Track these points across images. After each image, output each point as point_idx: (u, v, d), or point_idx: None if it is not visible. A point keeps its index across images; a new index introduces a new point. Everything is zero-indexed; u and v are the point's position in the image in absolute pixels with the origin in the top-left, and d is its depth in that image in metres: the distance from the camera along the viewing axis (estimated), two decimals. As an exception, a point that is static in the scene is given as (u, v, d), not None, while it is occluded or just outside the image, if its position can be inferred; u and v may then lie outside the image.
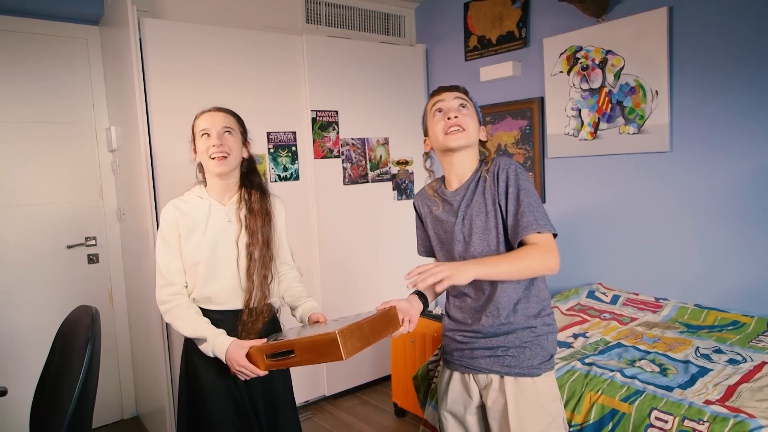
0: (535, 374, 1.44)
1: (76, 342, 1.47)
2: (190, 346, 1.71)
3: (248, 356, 1.54)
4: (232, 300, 1.70)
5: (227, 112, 1.76)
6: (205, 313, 1.68)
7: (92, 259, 3.01)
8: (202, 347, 1.61)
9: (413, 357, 2.85)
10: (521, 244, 1.40)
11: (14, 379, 2.69)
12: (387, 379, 3.40)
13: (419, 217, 1.69)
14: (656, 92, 2.48)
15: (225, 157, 1.68)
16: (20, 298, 2.79)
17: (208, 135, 1.69)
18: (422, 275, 1.27)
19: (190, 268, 1.68)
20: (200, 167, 1.78)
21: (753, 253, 2.28)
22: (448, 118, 1.48)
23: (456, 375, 1.58)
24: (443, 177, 1.63)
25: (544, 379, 1.46)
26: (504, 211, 1.43)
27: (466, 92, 1.56)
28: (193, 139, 1.74)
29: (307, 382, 3.15)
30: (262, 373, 1.55)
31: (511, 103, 3.12)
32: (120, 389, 3.12)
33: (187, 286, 1.70)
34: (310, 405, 3.20)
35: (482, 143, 1.56)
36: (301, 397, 3.14)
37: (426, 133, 1.63)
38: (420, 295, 1.62)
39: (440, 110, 1.52)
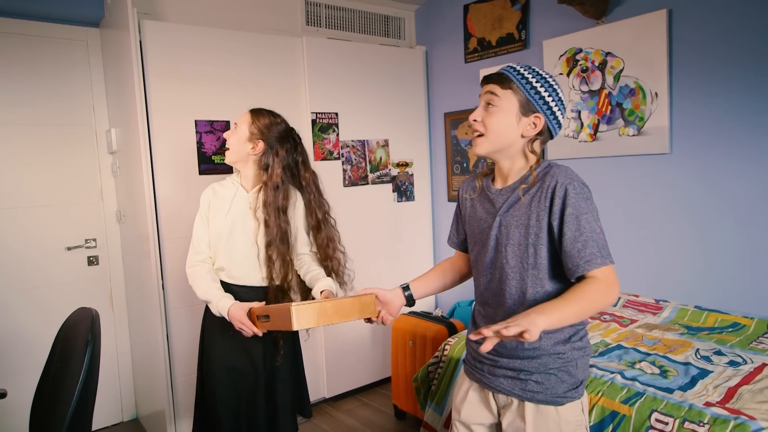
0: (559, 403, 1.30)
1: (76, 344, 1.47)
2: (206, 320, 2.00)
3: (250, 317, 1.77)
4: (246, 277, 1.94)
5: (252, 112, 1.99)
6: (224, 284, 1.92)
7: (92, 261, 3.01)
8: (211, 308, 1.86)
9: (413, 359, 2.85)
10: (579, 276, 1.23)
11: (14, 382, 2.68)
12: (387, 381, 3.39)
13: (459, 206, 1.54)
14: (656, 94, 2.48)
15: (227, 150, 1.97)
16: (20, 300, 2.79)
17: (236, 128, 1.97)
18: (506, 330, 1.05)
19: (214, 241, 1.95)
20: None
21: (753, 255, 2.28)
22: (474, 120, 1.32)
23: (476, 386, 1.45)
24: (495, 167, 1.43)
25: (569, 408, 1.31)
26: (557, 233, 1.24)
27: (502, 79, 1.29)
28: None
29: (308, 384, 3.14)
30: (258, 331, 1.76)
31: (511, 105, 3.12)
32: (120, 391, 3.11)
33: (211, 257, 1.96)
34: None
35: (528, 140, 1.32)
36: (301, 399, 3.13)
37: None
38: (406, 290, 1.53)
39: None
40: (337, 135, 3.20)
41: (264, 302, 1.86)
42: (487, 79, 1.33)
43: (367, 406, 3.21)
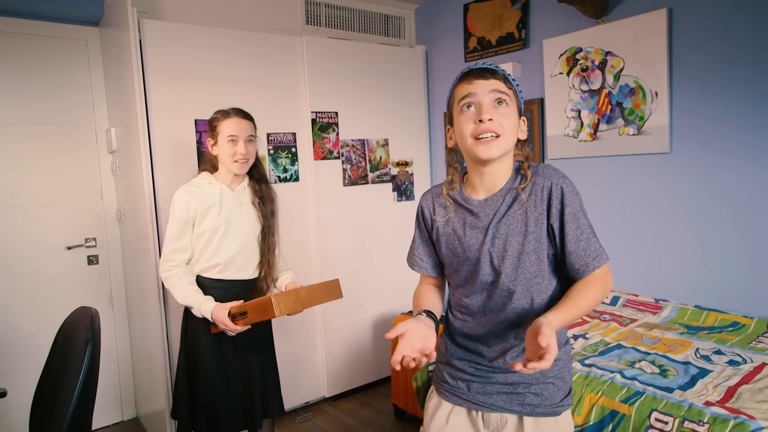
0: (557, 413, 1.24)
1: (76, 343, 1.47)
2: (189, 321, 2.05)
3: (230, 315, 1.86)
4: (238, 270, 2.03)
5: (251, 119, 2.05)
6: (211, 283, 2.00)
7: (92, 260, 3.01)
8: (193, 311, 1.94)
9: (413, 358, 2.85)
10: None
11: (14, 381, 2.68)
12: (387, 380, 3.39)
13: (424, 224, 1.38)
14: (656, 93, 2.48)
15: (246, 162, 2.01)
16: (20, 300, 2.79)
17: (235, 142, 1.97)
18: (549, 355, 0.96)
19: (205, 241, 1.98)
20: (207, 155, 2.08)
21: (753, 254, 2.28)
22: (480, 120, 1.16)
23: (459, 410, 1.31)
24: (464, 176, 1.33)
25: (565, 416, 1.26)
26: (558, 235, 1.19)
27: (506, 78, 1.20)
28: (214, 134, 2.00)
29: (307, 384, 3.15)
30: (240, 328, 1.88)
31: (511, 104, 3.11)
32: (120, 390, 3.11)
33: (188, 262, 2.01)
34: (310, 406, 3.20)
35: (520, 142, 1.26)
36: (300, 398, 3.14)
37: (450, 122, 1.28)
38: (429, 314, 1.27)
39: (470, 105, 1.19)
40: (337, 134, 3.20)
41: (253, 294, 2.03)
42: (485, 74, 1.18)
43: (367, 405, 3.21)
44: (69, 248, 2.93)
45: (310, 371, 3.17)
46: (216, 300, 1.94)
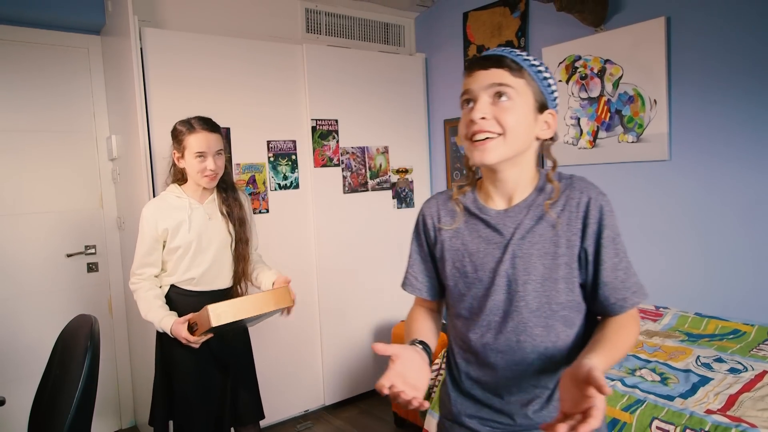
0: None
1: (75, 351, 1.47)
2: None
3: (189, 327, 1.84)
4: (212, 281, 2.02)
5: (218, 131, 1.99)
6: (186, 293, 1.99)
7: (92, 267, 3.00)
8: (156, 327, 1.93)
9: (413, 366, 2.83)
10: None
11: (13, 389, 2.67)
12: (387, 388, 3.38)
13: (425, 236, 1.15)
14: (655, 101, 2.49)
15: (216, 176, 1.97)
16: (19, 307, 2.79)
17: (204, 157, 1.92)
18: (597, 410, 0.75)
19: (178, 257, 1.96)
20: (176, 166, 2.03)
21: (753, 261, 2.28)
22: (472, 120, 0.99)
23: None
24: (477, 182, 1.11)
25: None
26: (593, 261, 1.00)
27: (512, 65, 0.98)
28: (180, 148, 1.95)
29: (307, 392, 3.14)
30: (202, 338, 1.85)
31: (511, 111, 3.12)
32: (119, 398, 3.10)
33: (157, 275, 2.00)
34: (309, 414, 3.18)
35: (543, 143, 1.07)
36: (300, 406, 3.13)
37: None
38: (425, 347, 1.05)
39: (469, 101, 1.02)
40: (337, 142, 3.20)
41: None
42: (486, 63, 0.99)
43: (366, 413, 3.20)
44: (69, 256, 2.93)
45: (310, 379, 3.16)
46: (192, 310, 1.91)
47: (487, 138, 0.98)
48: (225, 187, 2.07)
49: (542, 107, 1.02)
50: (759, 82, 2.20)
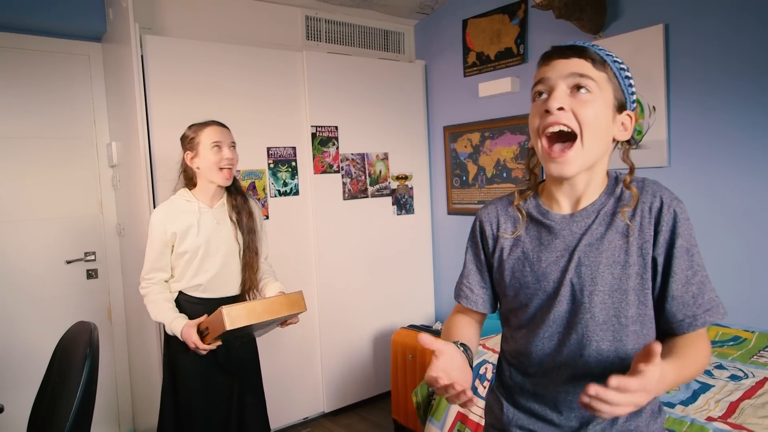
0: None
1: (74, 358, 1.46)
2: (170, 338, 1.98)
3: (199, 332, 1.82)
4: (219, 288, 1.99)
5: (228, 129, 2.02)
6: (194, 300, 1.96)
7: (91, 274, 3.00)
8: (166, 329, 1.91)
9: (413, 373, 2.83)
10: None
11: (11, 396, 2.66)
12: (387, 395, 3.37)
13: (482, 244, 1.08)
14: (654, 108, 2.50)
15: (231, 169, 1.96)
16: (18, 314, 2.78)
17: (220, 148, 1.93)
18: (620, 406, 0.72)
19: (185, 262, 1.94)
20: (186, 172, 2.01)
21: (753, 267, 2.28)
22: (547, 111, 0.91)
23: None
24: (539, 186, 1.05)
25: None
26: (662, 272, 0.93)
27: (595, 56, 0.91)
28: (193, 145, 1.95)
29: (306, 399, 3.13)
30: (208, 346, 1.82)
31: (510, 118, 3.14)
32: (117, 406, 3.09)
33: (167, 280, 1.97)
34: (308, 422, 3.17)
35: (621, 146, 1.01)
36: (299, 413, 3.11)
37: None
38: (466, 349, 0.99)
39: (541, 93, 0.95)
40: (337, 148, 3.21)
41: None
42: (568, 52, 0.91)
43: (366, 420, 3.18)
44: (68, 262, 2.93)
45: (309, 386, 3.14)
46: (199, 317, 1.90)
47: (563, 149, 0.91)
48: (235, 192, 2.06)
49: (621, 107, 0.95)
50: (758, 88, 2.21)
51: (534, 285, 0.98)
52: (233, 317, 1.68)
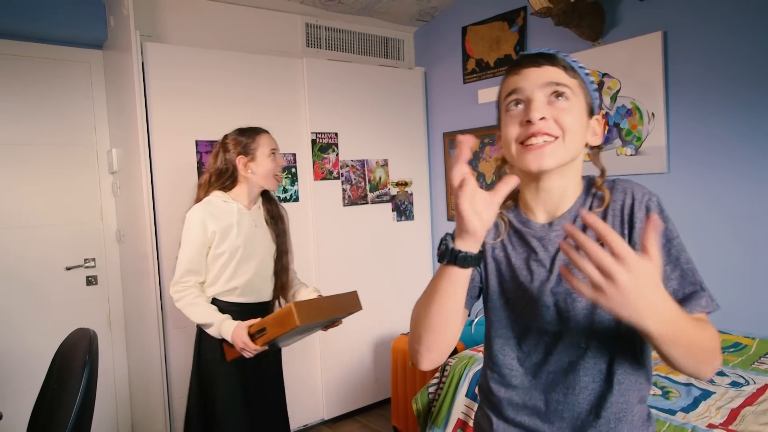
0: None
1: (74, 365, 1.46)
2: (202, 336, 1.95)
3: (249, 334, 1.77)
4: (255, 292, 1.98)
5: (266, 131, 2.07)
6: (228, 306, 1.92)
7: (91, 281, 3.00)
8: (210, 330, 1.85)
9: (413, 380, 2.82)
10: None
11: (10, 403, 2.65)
12: (386, 402, 3.36)
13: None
14: (653, 114, 2.50)
15: (279, 176, 2.03)
16: (18, 320, 2.78)
17: (275, 155, 1.99)
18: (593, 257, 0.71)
19: (222, 265, 1.90)
20: (221, 174, 1.96)
21: (754, 274, 2.28)
22: (528, 122, 0.89)
23: None
24: (517, 194, 1.03)
25: None
26: None
27: (565, 63, 0.92)
28: (250, 151, 1.96)
29: (306, 406, 3.11)
30: (259, 348, 1.78)
31: (510, 125, 3.14)
32: (117, 413, 3.07)
33: (204, 282, 1.92)
34: (308, 429, 3.16)
35: (592, 150, 0.99)
36: (299, 420, 3.10)
37: (499, 125, 0.98)
38: None
39: (518, 102, 0.92)
40: (337, 155, 3.22)
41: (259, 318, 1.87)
42: (540, 61, 0.91)
43: (366, 428, 3.17)
44: (68, 269, 2.92)
45: (309, 393, 3.13)
46: None
47: (543, 142, 0.89)
48: (269, 197, 2.09)
49: (591, 112, 0.96)
50: (757, 94, 2.22)
51: (517, 293, 0.97)
52: (303, 314, 1.60)
